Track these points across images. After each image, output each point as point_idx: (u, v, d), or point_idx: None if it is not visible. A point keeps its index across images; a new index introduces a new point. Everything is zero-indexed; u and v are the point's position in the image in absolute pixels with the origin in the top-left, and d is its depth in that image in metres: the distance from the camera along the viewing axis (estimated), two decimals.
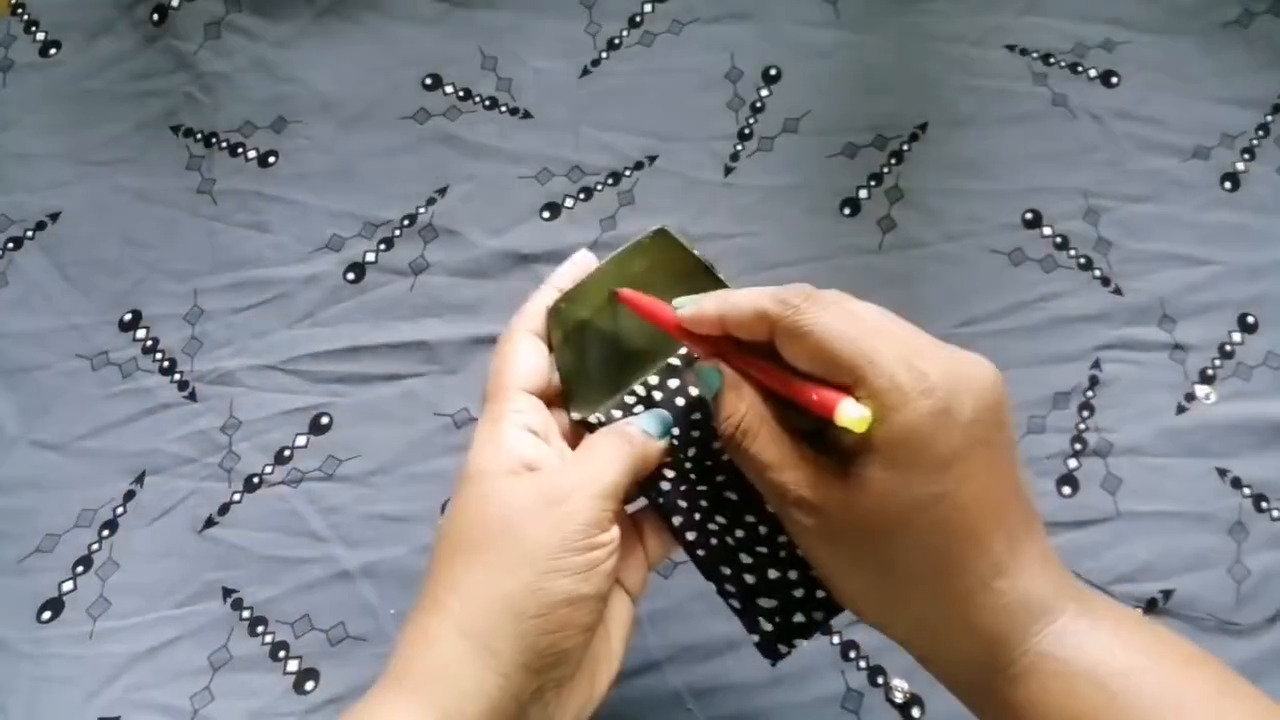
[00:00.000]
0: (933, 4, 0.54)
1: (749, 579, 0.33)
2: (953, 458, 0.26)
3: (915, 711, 0.42)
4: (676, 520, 0.33)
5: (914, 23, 0.54)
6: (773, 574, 0.32)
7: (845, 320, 0.28)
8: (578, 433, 0.34)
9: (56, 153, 0.53)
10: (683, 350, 0.35)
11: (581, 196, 0.51)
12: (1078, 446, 0.46)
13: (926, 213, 0.50)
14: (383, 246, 0.51)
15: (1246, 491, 0.45)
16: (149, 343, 0.49)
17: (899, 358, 0.27)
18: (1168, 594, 0.43)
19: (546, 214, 0.51)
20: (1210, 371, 0.47)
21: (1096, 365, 0.47)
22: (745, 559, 0.33)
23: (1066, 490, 0.45)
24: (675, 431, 0.34)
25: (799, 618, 0.32)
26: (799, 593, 0.32)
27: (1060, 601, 0.28)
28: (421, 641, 0.30)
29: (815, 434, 0.30)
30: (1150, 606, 0.43)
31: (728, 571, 0.33)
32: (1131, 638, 0.28)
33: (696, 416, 0.34)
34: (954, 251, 0.49)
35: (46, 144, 0.53)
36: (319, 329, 0.49)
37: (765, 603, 0.32)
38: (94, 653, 0.44)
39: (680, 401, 0.35)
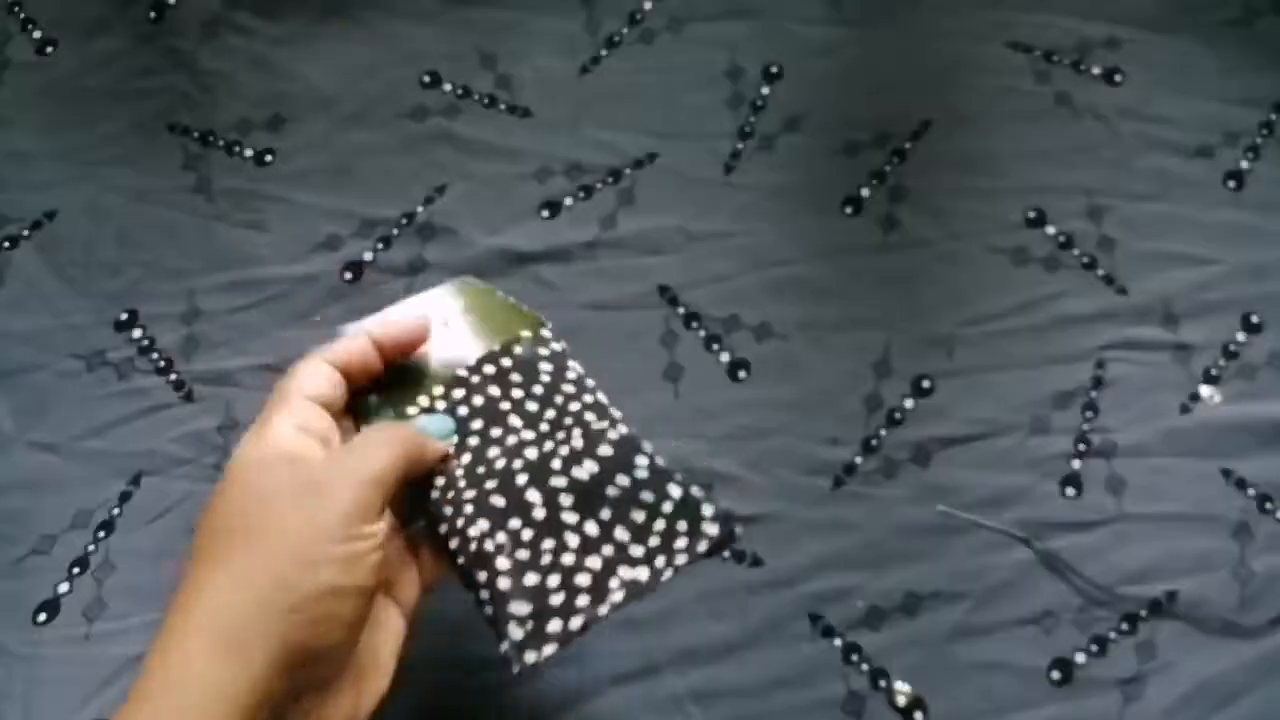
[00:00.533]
0: (935, 1, 0.54)
1: (503, 584, 0.32)
2: None
3: (918, 715, 0.41)
4: (442, 527, 0.34)
5: (916, 20, 0.54)
6: (530, 579, 0.32)
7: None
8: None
9: (53, 151, 0.53)
10: (470, 362, 0.37)
11: (581, 195, 0.51)
12: (1081, 447, 0.45)
13: (929, 212, 0.50)
14: (380, 245, 0.50)
15: (1251, 493, 0.45)
16: (145, 343, 0.49)
17: None
18: (1172, 595, 0.43)
19: (546, 213, 0.51)
20: (1214, 372, 0.47)
21: (1100, 365, 0.47)
22: (503, 563, 0.33)
23: (1070, 491, 0.45)
24: (455, 438, 0.35)
25: (553, 626, 0.32)
26: (556, 600, 0.32)
27: None
28: (165, 650, 0.28)
29: None
30: (1154, 608, 0.43)
31: (483, 577, 0.33)
32: None
33: (478, 425, 0.35)
34: (956, 250, 0.49)
35: (43, 143, 0.53)
36: (317, 329, 0.49)
37: (518, 608, 0.32)
38: (90, 655, 0.43)
39: (463, 411, 0.36)
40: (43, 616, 0.44)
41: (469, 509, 0.33)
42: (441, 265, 0.50)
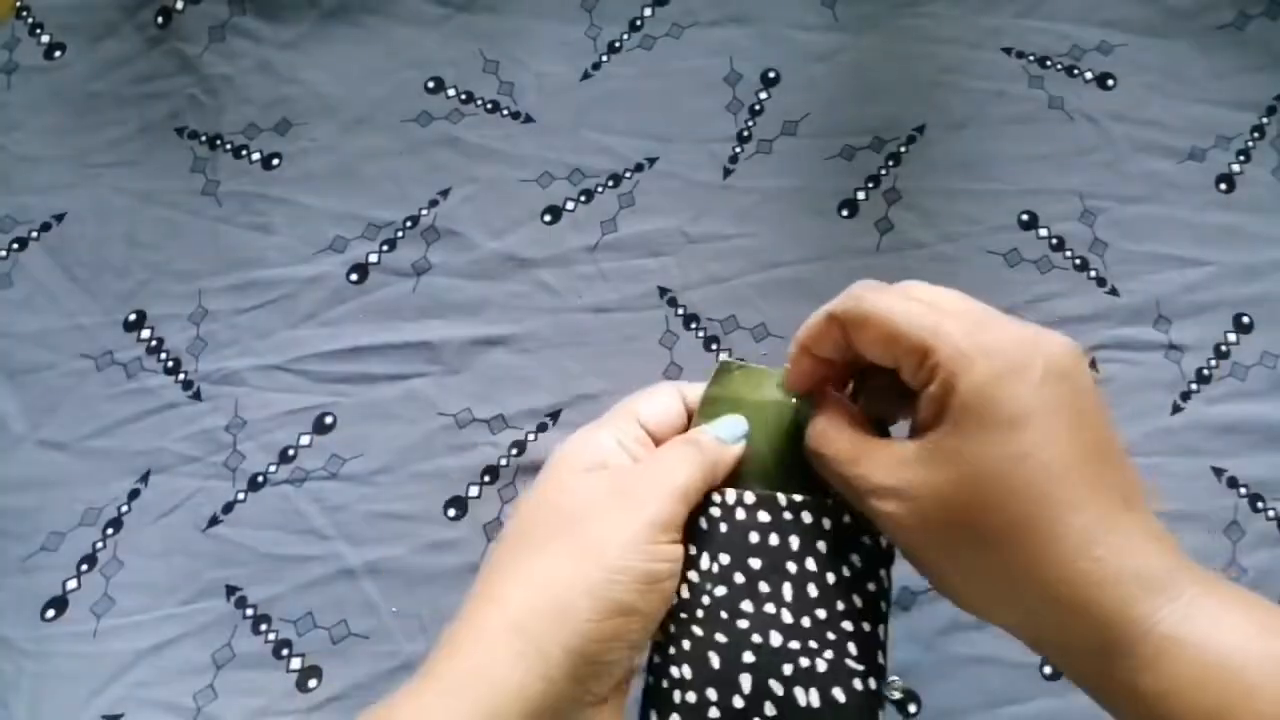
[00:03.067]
0: (930, 7, 0.54)
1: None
2: (1024, 417, 0.26)
3: (911, 708, 0.42)
4: (655, 637, 0.32)
5: (911, 26, 0.54)
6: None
7: (906, 301, 0.28)
8: None
9: (61, 155, 0.53)
10: (831, 500, 0.33)
11: (582, 199, 0.52)
12: None
13: (923, 214, 0.51)
14: (385, 248, 0.51)
15: (1242, 491, 0.45)
16: (154, 343, 0.50)
17: (963, 329, 0.27)
18: None
19: (548, 217, 0.51)
20: (1206, 371, 0.47)
21: (1093, 365, 0.47)
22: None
23: None
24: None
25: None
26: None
27: (1178, 579, 0.25)
28: (470, 637, 0.29)
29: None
30: None
31: (652, 717, 0.31)
32: (1266, 620, 0.25)
33: (755, 564, 0.32)
34: (951, 252, 0.50)
35: (51, 146, 0.54)
36: (323, 329, 0.49)
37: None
38: (98, 650, 0.44)
39: (754, 537, 0.32)
40: (51, 613, 0.45)
41: (686, 644, 0.31)
42: (445, 267, 0.50)
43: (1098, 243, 0.50)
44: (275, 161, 0.53)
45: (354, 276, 0.50)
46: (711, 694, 0.31)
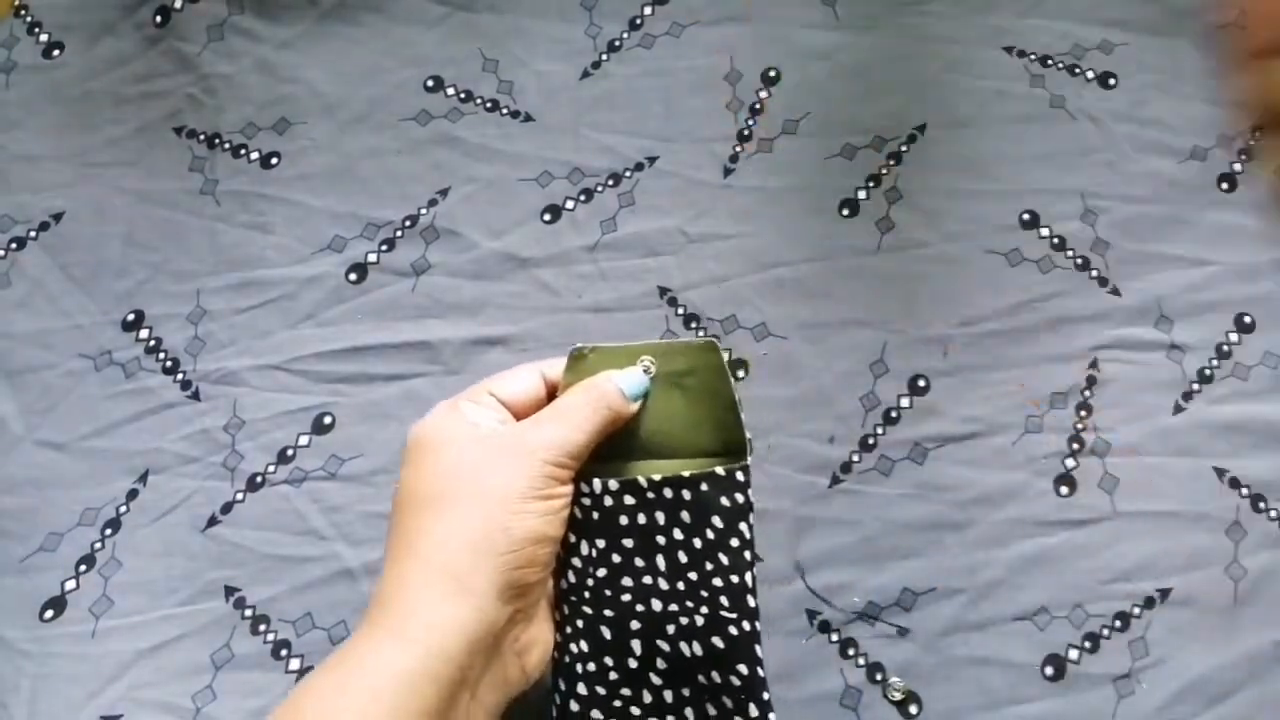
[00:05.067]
0: (931, 5, 0.54)
1: (574, 707, 0.36)
2: None
3: (913, 709, 0.42)
4: (555, 616, 0.37)
5: (912, 24, 0.54)
6: (595, 715, 0.36)
7: None
8: None
9: (59, 154, 0.53)
10: (688, 472, 0.37)
11: (582, 198, 0.52)
12: (1075, 446, 0.46)
13: (924, 214, 0.50)
14: (384, 247, 0.51)
15: (1244, 491, 0.45)
16: (152, 343, 0.50)
17: None
18: (1165, 593, 0.43)
19: (547, 217, 0.51)
20: (1208, 372, 0.47)
21: (1094, 365, 0.47)
22: (581, 689, 0.36)
23: (1064, 490, 0.45)
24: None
25: None
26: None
27: None
28: (398, 586, 0.32)
29: None
30: (1148, 605, 0.43)
31: (561, 687, 0.37)
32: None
33: (629, 543, 0.37)
34: (952, 252, 0.50)
35: (49, 145, 0.54)
36: (321, 329, 0.49)
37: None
38: (96, 651, 0.44)
39: (624, 520, 0.37)
40: (49, 613, 0.45)
41: (580, 623, 0.36)
42: (444, 267, 0.50)
43: (1099, 242, 0.50)
44: (274, 161, 0.53)
45: (353, 276, 0.50)
46: (609, 661, 0.36)
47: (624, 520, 0.37)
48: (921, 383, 0.47)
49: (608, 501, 0.37)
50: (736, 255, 0.50)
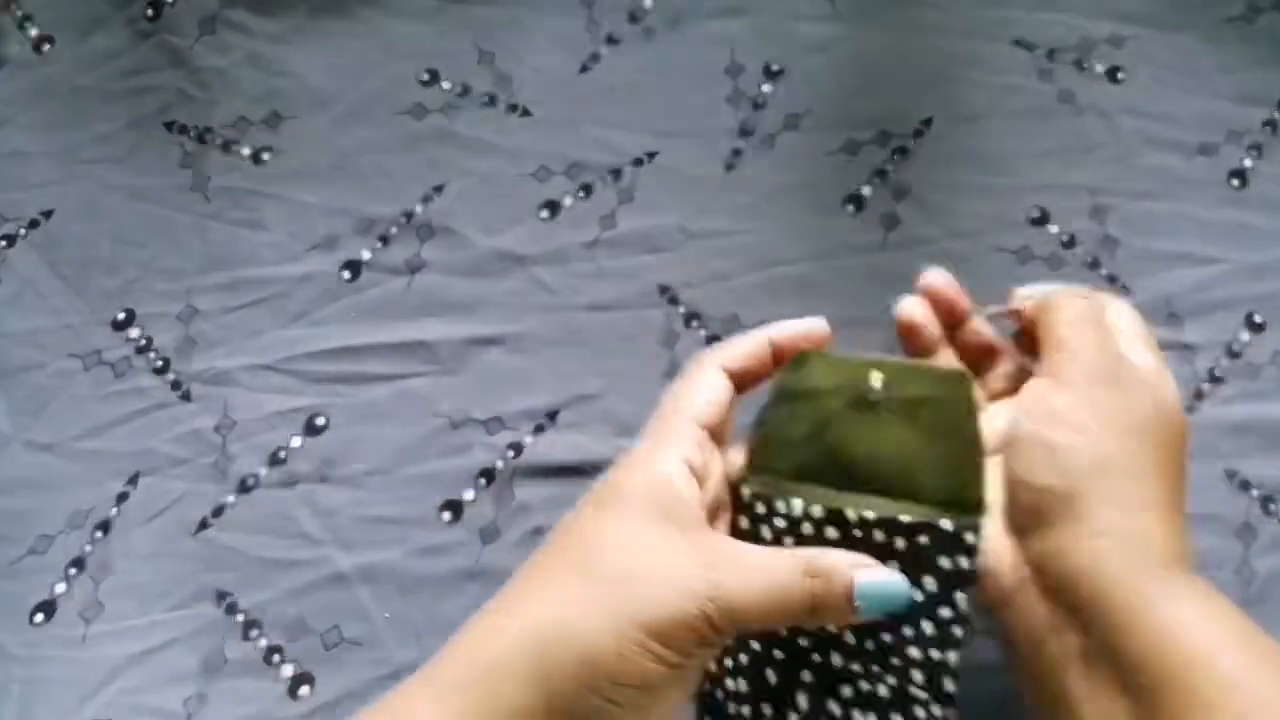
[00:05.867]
0: None
1: None
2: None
3: None
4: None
5: (916, 17, 0.53)
6: None
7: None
8: (735, 487, 0.32)
9: (49, 150, 0.53)
10: (909, 518, 0.30)
11: (581, 194, 0.51)
12: None
13: (930, 210, 0.50)
14: (379, 244, 0.50)
15: (1255, 494, 0.45)
16: (142, 342, 0.49)
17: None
18: None
19: (545, 213, 0.51)
20: (1218, 372, 0.47)
21: None
22: None
23: None
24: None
25: None
26: None
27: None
28: (480, 643, 0.28)
29: None
30: None
31: None
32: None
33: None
34: (959, 249, 0.49)
35: (39, 141, 0.53)
36: (315, 328, 0.49)
37: None
38: (87, 656, 0.43)
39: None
40: (39, 617, 0.44)
41: (743, 658, 0.31)
42: (440, 265, 0.50)
43: (1108, 240, 0.49)
44: (266, 156, 0.52)
45: (346, 274, 0.50)
46: (766, 710, 0.30)
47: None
48: None
49: (806, 529, 0.31)
50: (738, 252, 0.49)
